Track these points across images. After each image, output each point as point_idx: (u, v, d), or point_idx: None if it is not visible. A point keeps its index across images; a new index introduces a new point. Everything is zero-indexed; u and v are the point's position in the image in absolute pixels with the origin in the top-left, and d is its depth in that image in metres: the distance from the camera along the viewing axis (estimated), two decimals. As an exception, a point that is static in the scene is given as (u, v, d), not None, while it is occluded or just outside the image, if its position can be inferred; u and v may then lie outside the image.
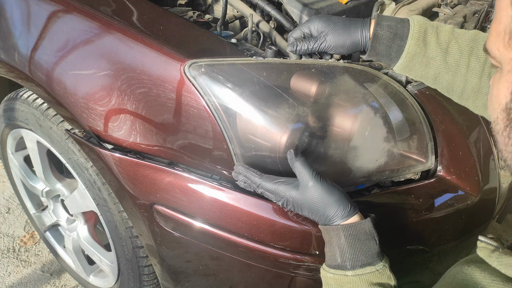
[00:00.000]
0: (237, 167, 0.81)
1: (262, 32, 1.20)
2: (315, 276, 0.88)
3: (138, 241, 1.11)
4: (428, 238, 0.92)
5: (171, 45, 0.86)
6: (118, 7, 0.97)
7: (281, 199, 0.76)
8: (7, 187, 2.00)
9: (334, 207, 0.71)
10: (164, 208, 0.90)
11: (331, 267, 0.71)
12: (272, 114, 0.83)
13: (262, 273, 0.91)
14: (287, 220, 0.83)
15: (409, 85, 0.91)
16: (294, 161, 0.75)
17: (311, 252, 0.85)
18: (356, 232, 0.69)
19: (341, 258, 0.69)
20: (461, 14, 1.35)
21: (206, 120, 0.83)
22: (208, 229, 0.88)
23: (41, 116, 1.14)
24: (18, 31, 1.04)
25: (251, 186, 0.79)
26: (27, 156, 1.44)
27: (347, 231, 0.69)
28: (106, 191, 1.06)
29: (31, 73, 1.01)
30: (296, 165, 0.74)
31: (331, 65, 0.88)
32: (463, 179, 0.94)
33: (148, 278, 1.21)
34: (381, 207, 0.88)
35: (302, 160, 0.75)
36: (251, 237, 0.85)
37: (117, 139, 0.91)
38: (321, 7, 1.22)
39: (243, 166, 0.80)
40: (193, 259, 0.98)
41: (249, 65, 0.84)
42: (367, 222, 0.70)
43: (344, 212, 0.71)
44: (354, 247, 0.69)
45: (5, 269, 1.64)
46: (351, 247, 0.69)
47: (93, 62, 0.92)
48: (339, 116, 0.87)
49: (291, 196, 0.74)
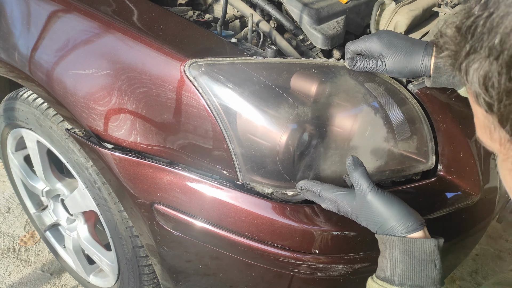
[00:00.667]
0: (299, 184, 0.81)
1: (262, 31, 1.20)
2: (315, 275, 0.88)
3: (138, 241, 1.11)
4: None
5: (171, 44, 0.86)
6: (118, 7, 0.97)
7: (341, 209, 0.74)
8: (7, 187, 2.00)
9: (393, 221, 0.67)
10: (164, 207, 0.90)
11: (379, 278, 0.67)
12: (272, 114, 0.83)
13: (262, 273, 0.91)
14: (286, 219, 0.83)
15: (410, 84, 0.91)
16: (353, 171, 0.72)
17: (311, 251, 0.85)
18: (413, 248, 0.65)
19: (391, 271, 0.65)
20: (461, 14, 1.35)
21: (206, 119, 0.83)
22: (208, 228, 0.88)
23: (41, 116, 1.14)
24: (18, 31, 1.04)
25: (313, 196, 0.79)
26: (27, 156, 1.43)
27: (402, 245, 0.65)
28: (106, 190, 1.06)
29: (31, 72, 1.01)
30: (355, 176, 0.72)
31: (331, 65, 0.88)
32: (464, 179, 0.94)
33: (148, 278, 1.21)
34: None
35: (362, 170, 0.72)
36: (251, 236, 0.85)
37: (117, 138, 0.91)
38: (321, 6, 1.22)
39: (305, 180, 0.81)
40: (193, 258, 0.98)
41: (249, 65, 0.84)
42: (428, 242, 0.65)
43: (403, 227, 0.67)
44: (408, 263, 0.64)
45: (5, 268, 1.64)
46: (404, 262, 0.64)
47: (93, 62, 0.92)
48: (339, 116, 0.87)
49: (350, 206, 0.72)
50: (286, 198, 0.85)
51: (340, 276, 0.89)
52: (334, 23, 1.24)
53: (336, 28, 1.23)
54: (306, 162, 0.85)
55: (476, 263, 1.79)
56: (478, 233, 1.06)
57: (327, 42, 1.18)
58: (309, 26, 1.18)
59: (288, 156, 0.83)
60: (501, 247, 1.88)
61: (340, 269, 0.87)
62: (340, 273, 0.88)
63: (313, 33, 1.18)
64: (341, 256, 0.87)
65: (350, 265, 0.87)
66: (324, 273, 0.87)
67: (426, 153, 0.93)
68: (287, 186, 0.85)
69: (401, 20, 1.30)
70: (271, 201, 0.83)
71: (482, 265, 1.79)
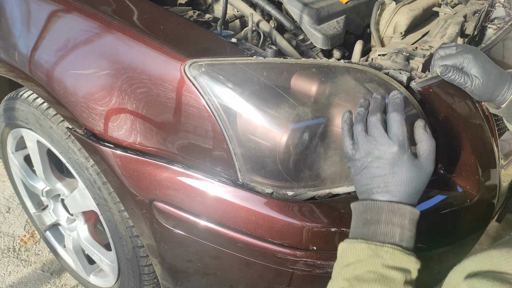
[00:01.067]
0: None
1: (262, 31, 1.20)
2: (313, 272, 0.88)
3: (138, 241, 1.11)
4: (427, 236, 0.92)
5: (171, 44, 0.86)
6: (118, 7, 0.97)
7: None
8: (7, 187, 2.00)
9: None
10: (163, 204, 0.90)
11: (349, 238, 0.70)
12: (273, 114, 0.83)
13: (262, 271, 0.91)
14: (286, 216, 0.83)
15: (413, 82, 0.91)
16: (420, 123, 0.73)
17: (309, 248, 0.85)
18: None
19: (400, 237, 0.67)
20: (461, 14, 1.35)
21: (206, 119, 0.84)
22: (208, 225, 0.88)
23: (41, 116, 1.14)
24: (18, 31, 1.04)
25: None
26: (27, 156, 1.43)
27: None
28: (106, 190, 1.06)
29: (31, 72, 1.01)
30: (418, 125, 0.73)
31: (331, 65, 0.88)
32: (463, 178, 0.95)
33: (148, 278, 1.21)
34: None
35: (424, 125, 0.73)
36: (250, 233, 0.85)
37: (117, 138, 0.91)
38: (321, 6, 1.22)
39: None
40: (192, 258, 0.98)
41: (250, 65, 0.84)
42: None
43: None
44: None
45: (5, 268, 1.64)
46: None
47: (93, 62, 0.92)
48: (340, 116, 0.87)
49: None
50: (286, 198, 0.85)
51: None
52: (334, 23, 1.24)
53: (336, 28, 1.23)
54: (306, 162, 0.85)
55: (476, 262, 1.79)
56: (478, 233, 1.06)
57: (327, 42, 1.18)
58: (309, 26, 1.18)
59: (288, 156, 0.83)
60: (501, 247, 1.88)
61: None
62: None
63: (313, 33, 1.18)
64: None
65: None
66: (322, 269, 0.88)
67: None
68: (287, 186, 0.85)
69: (401, 20, 1.31)
70: (271, 198, 0.83)
71: (482, 264, 1.78)
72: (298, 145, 0.83)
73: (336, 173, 0.87)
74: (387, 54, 1.04)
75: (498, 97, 0.85)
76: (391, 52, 1.03)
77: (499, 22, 1.39)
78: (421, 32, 1.37)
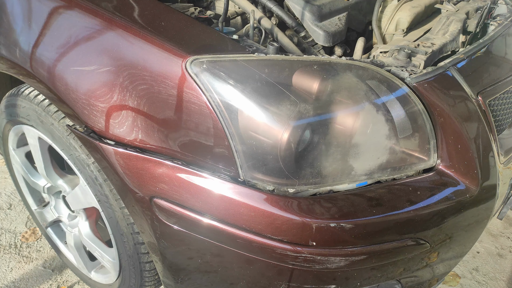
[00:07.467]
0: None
1: (264, 28, 1.20)
2: (312, 268, 0.88)
3: (139, 238, 1.11)
4: (427, 231, 0.92)
5: (173, 41, 0.86)
6: (119, 3, 0.97)
7: None
8: (8, 183, 2.01)
9: None
10: (163, 201, 0.91)
11: None
12: (274, 111, 0.82)
13: (262, 268, 0.91)
14: (286, 212, 0.83)
15: (408, 77, 0.90)
16: None
17: (309, 244, 0.85)
18: None
19: None
20: (463, 11, 1.35)
21: (207, 116, 0.83)
22: (208, 222, 0.88)
23: (43, 113, 1.14)
24: (20, 27, 1.04)
25: None
26: (28, 153, 1.44)
27: None
28: (107, 187, 1.06)
29: (32, 69, 1.01)
30: None
31: (333, 62, 0.88)
32: (462, 172, 0.94)
33: (150, 274, 1.21)
34: (380, 200, 0.88)
35: None
36: (250, 230, 0.85)
37: (118, 136, 0.91)
38: (323, 3, 1.22)
39: None
40: (193, 255, 0.98)
41: (251, 62, 0.84)
42: None
43: None
44: None
45: (7, 265, 1.65)
46: None
47: (94, 59, 0.92)
48: (341, 113, 0.86)
49: None
50: (287, 195, 0.85)
51: (338, 269, 0.89)
52: (336, 20, 1.24)
53: (338, 25, 1.22)
54: (307, 160, 0.85)
55: (477, 260, 1.79)
56: (478, 228, 1.06)
57: (329, 39, 1.18)
58: (311, 23, 1.18)
59: (289, 153, 0.83)
60: (502, 245, 1.88)
61: (337, 261, 0.87)
62: (338, 265, 0.88)
63: (315, 30, 1.18)
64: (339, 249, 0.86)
65: (347, 258, 0.87)
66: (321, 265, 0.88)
67: (428, 150, 0.92)
68: (288, 184, 0.85)
69: (403, 17, 1.30)
70: (270, 194, 0.83)
71: (483, 262, 1.79)
72: (299, 143, 0.83)
73: (337, 170, 0.87)
74: (389, 51, 1.04)
75: None
76: (393, 49, 1.03)
77: (501, 19, 1.38)
78: (423, 29, 1.36)
